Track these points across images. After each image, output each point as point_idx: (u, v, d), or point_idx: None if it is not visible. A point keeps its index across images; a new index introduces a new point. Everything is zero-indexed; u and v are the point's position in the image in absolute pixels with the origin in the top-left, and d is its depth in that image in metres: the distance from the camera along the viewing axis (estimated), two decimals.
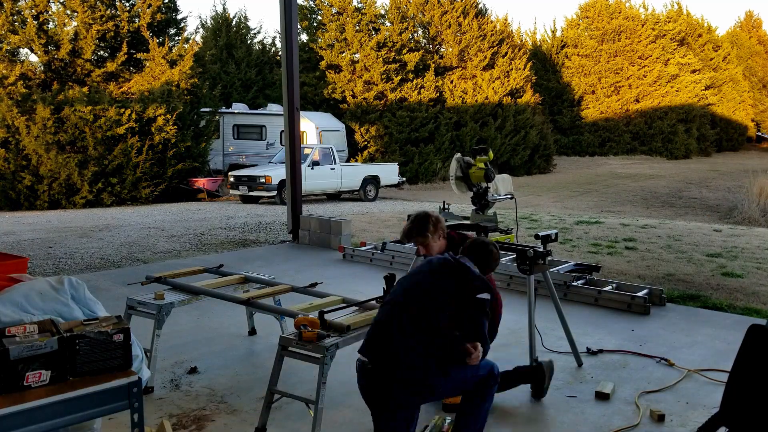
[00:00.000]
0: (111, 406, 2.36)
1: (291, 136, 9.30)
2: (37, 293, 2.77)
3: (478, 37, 26.69)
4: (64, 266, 7.98)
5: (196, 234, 10.73)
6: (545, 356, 4.56)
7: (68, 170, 16.20)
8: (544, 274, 4.31)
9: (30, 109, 16.31)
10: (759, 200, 15.10)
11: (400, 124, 24.31)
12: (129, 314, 4.21)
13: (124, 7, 18.69)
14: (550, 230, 4.51)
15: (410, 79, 25.11)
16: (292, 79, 9.15)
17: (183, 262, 8.17)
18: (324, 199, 18.25)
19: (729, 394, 2.82)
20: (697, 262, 8.18)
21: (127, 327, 2.50)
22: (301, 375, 4.13)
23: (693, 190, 21.09)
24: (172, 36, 20.21)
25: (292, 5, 9.09)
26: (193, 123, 19.10)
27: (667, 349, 4.78)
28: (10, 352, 2.22)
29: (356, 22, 25.09)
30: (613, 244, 9.44)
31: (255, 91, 26.29)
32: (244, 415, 3.67)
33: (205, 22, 28.81)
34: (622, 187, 22.26)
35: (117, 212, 14.82)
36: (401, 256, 7.76)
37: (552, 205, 16.90)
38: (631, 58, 36.68)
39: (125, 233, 10.89)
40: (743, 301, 6.30)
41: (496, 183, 5.97)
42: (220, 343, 4.92)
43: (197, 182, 18.71)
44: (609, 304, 5.98)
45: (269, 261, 8.14)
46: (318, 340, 3.31)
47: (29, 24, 17.34)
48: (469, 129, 25.57)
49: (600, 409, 3.76)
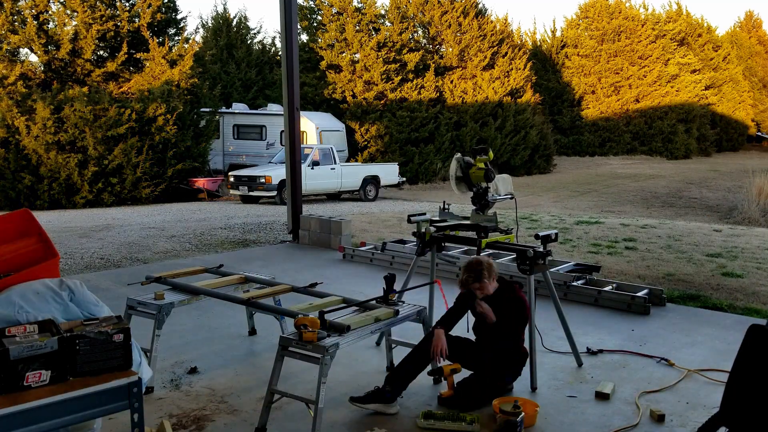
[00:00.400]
0: (111, 406, 2.36)
1: (291, 136, 9.30)
2: (33, 293, 2.77)
3: (478, 37, 26.68)
4: (64, 266, 7.98)
5: (196, 234, 10.73)
6: (545, 356, 4.57)
7: (68, 170, 16.20)
8: (544, 274, 4.31)
9: (30, 109, 16.32)
10: (759, 200, 15.09)
11: (400, 124, 24.31)
12: (129, 314, 4.21)
13: (124, 6, 18.69)
14: (550, 230, 4.51)
15: (410, 79, 25.11)
16: (292, 79, 9.15)
17: (183, 262, 8.17)
18: (324, 199, 18.25)
19: (729, 394, 2.81)
20: (697, 262, 8.18)
21: (127, 327, 2.50)
22: (302, 375, 4.13)
23: (693, 190, 21.09)
24: (172, 36, 20.22)
25: (292, 5, 9.09)
26: (193, 123, 19.11)
27: (667, 349, 4.78)
28: (10, 352, 2.22)
29: (356, 22, 25.09)
30: (613, 244, 9.44)
31: (255, 91, 26.29)
32: (245, 415, 3.67)
33: (206, 22, 28.87)
34: (622, 187, 22.27)
35: (117, 212, 14.82)
36: (401, 256, 7.76)
37: (552, 205, 16.90)
38: (631, 58, 36.68)
39: (125, 233, 10.89)
40: (743, 301, 6.30)
41: (496, 183, 5.96)
42: (221, 343, 4.92)
43: (197, 182, 18.71)
44: (609, 304, 5.98)
45: (269, 261, 8.14)
46: (318, 340, 3.31)
47: (29, 24, 17.35)
48: (469, 129, 25.57)
49: (600, 409, 3.76)
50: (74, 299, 2.87)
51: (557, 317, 4.44)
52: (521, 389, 4.03)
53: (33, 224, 3.21)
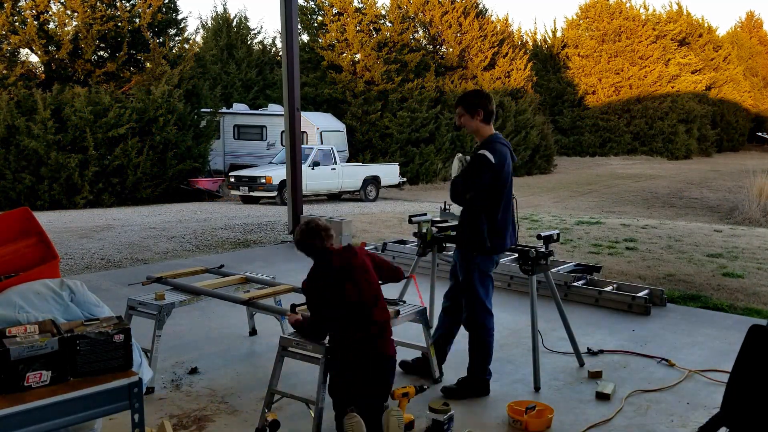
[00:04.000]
0: (111, 406, 2.36)
1: (291, 137, 9.29)
2: (34, 294, 2.77)
3: (479, 37, 26.69)
4: (64, 267, 7.98)
5: (196, 234, 10.73)
6: (546, 356, 4.56)
7: (68, 170, 16.20)
8: (545, 274, 4.31)
9: (30, 109, 16.32)
10: (759, 200, 15.08)
11: (400, 125, 24.32)
12: (130, 314, 4.21)
13: (125, 7, 18.69)
14: (551, 230, 4.51)
15: (411, 79, 25.10)
16: (292, 80, 9.14)
17: (183, 262, 8.17)
18: (324, 199, 18.25)
19: (730, 394, 2.81)
20: (697, 263, 8.17)
21: (128, 327, 2.50)
22: (302, 376, 4.13)
23: (693, 191, 21.08)
24: (173, 36, 20.22)
25: (292, 5, 9.09)
26: (193, 123, 19.11)
27: (667, 350, 4.78)
28: (11, 352, 2.22)
29: (357, 22, 25.10)
30: (614, 245, 9.44)
31: (255, 92, 26.29)
32: (245, 416, 3.67)
33: (206, 23, 28.88)
34: (622, 187, 22.26)
35: (117, 212, 14.82)
36: (401, 256, 7.76)
37: (552, 206, 16.90)
38: (632, 58, 36.68)
39: (126, 234, 10.89)
40: (744, 302, 6.29)
41: None
42: (221, 344, 4.92)
43: (198, 182, 18.71)
44: (610, 304, 5.97)
45: (270, 261, 8.14)
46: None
47: (30, 24, 17.34)
48: None
49: (600, 410, 3.76)
50: (75, 299, 2.87)
51: (558, 317, 4.44)
52: (524, 390, 4.03)
53: (33, 223, 3.20)
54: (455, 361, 4.18)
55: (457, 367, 4.11)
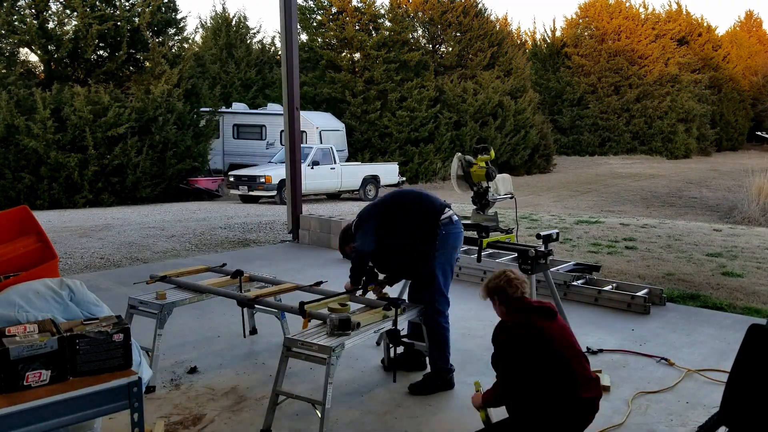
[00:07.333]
0: (111, 405, 2.36)
1: (291, 136, 9.29)
2: (33, 293, 2.77)
3: (478, 36, 26.67)
4: (64, 266, 7.98)
5: (196, 234, 10.73)
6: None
7: (68, 170, 16.19)
8: (545, 273, 4.31)
9: (30, 109, 16.31)
10: (759, 200, 15.08)
11: (399, 124, 24.31)
12: (131, 314, 4.21)
13: (124, 6, 18.67)
14: (551, 230, 4.51)
15: (410, 78, 25.10)
16: (292, 79, 9.14)
17: (183, 261, 8.17)
18: (324, 198, 18.24)
19: (729, 393, 2.81)
20: (697, 262, 8.17)
21: (127, 327, 2.50)
22: (302, 375, 4.13)
23: (693, 190, 21.09)
24: (172, 36, 20.19)
25: (291, 4, 9.09)
26: (192, 123, 19.10)
27: (667, 349, 4.78)
28: (11, 351, 2.22)
29: (356, 21, 25.09)
30: (613, 244, 9.44)
31: (255, 91, 26.27)
32: (245, 415, 3.67)
33: (205, 22, 28.85)
34: (622, 186, 22.26)
35: (117, 212, 14.82)
36: None
37: (552, 205, 16.90)
38: (631, 57, 36.67)
39: (125, 233, 10.89)
40: (743, 301, 6.30)
41: (496, 183, 5.96)
42: (221, 343, 4.92)
43: (197, 182, 18.71)
44: (609, 303, 5.98)
45: (270, 261, 8.14)
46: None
47: (29, 23, 17.32)
48: (469, 129, 25.57)
49: (600, 410, 3.75)
50: (74, 299, 2.87)
51: None
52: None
53: (32, 222, 3.19)
54: (455, 361, 4.18)
55: (458, 368, 4.11)
